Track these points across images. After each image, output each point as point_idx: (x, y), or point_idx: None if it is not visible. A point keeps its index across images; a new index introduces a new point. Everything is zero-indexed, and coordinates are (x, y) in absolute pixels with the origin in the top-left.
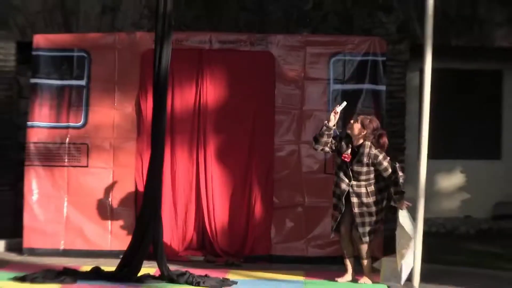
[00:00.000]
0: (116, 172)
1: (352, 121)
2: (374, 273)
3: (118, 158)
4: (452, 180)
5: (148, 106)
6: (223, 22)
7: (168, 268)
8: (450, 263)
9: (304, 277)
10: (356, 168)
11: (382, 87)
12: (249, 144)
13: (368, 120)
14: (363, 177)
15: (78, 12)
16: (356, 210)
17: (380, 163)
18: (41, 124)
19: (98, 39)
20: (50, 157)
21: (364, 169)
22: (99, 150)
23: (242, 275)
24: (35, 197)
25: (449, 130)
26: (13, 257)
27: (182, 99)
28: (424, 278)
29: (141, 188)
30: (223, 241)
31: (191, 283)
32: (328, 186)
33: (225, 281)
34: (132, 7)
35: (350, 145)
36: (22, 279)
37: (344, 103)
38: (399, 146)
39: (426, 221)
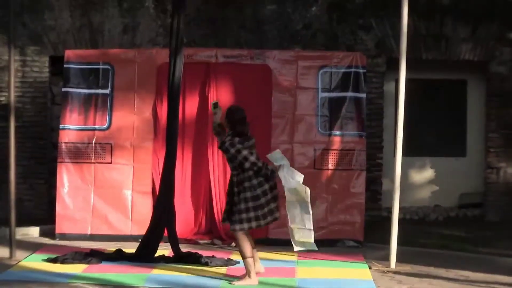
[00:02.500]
0: (136, 167)
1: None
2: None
3: (138, 156)
4: (424, 174)
5: (163, 111)
6: (227, 39)
7: (180, 249)
8: (422, 245)
9: (296, 257)
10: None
11: (363, 95)
12: None
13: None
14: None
15: (103, 30)
16: (235, 198)
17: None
18: (71, 127)
19: (120, 54)
20: (79, 155)
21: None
22: (121, 149)
23: None
24: (66, 189)
25: (421, 132)
26: (47, 241)
27: (192, 105)
28: (399, 259)
29: (157, 181)
30: (227, 227)
31: (200, 263)
32: (316, 179)
33: (229, 261)
34: (149, 26)
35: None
36: (54, 260)
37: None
38: (377, 145)
39: (401, 209)
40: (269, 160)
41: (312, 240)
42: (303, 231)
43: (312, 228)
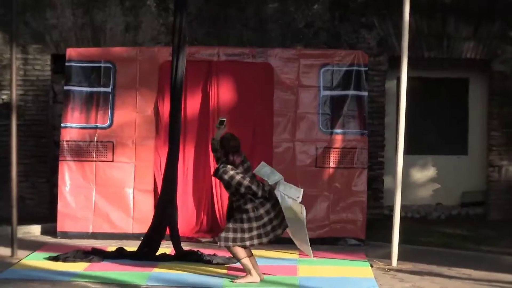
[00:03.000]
0: (138, 166)
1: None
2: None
3: (139, 154)
4: (425, 172)
5: (165, 109)
6: (229, 38)
7: (182, 248)
8: (423, 244)
9: (298, 256)
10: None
11: (365, 93)
12: (252, 141)
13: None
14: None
15: (105, 29)
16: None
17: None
18: (73, 125)
19: (122, 52)
20: (81, 153)
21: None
22: (123, 147)
23: None
24: (67, 187)
25: (422, 130)
26: (48, 239)
27: (194, 103)
28: (401, 257)
29: (159, 179)
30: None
31: (201, 261)
32: (318, 178)
33: (231, 259)
34: (151, 24)
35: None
36: (55, 258)
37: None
38: (379, 144)
39: (403, 207)
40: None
41: (310, 254)
42: (301, 244)
43: (308, 243)
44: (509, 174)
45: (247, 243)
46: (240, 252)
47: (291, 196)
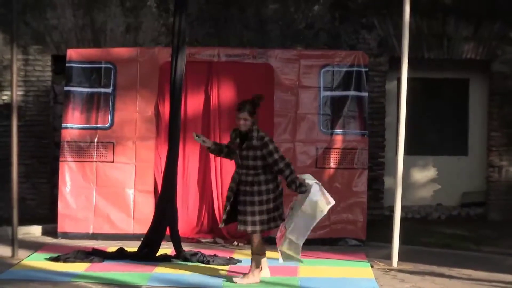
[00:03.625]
0: (138, 166)
1: (243, 120)
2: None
3: (140, 155)
4: (426, 173)
5: (165, 110)
6: (229, 38)
7: (183, 248)
8: (424, 244)
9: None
10: (244, 154)
11: (365, 94)
12: None
13: (251, 104)
14: (251, 165)
15: (105, 30)
16: (241, 198)
17: (266, 145)
18: (74, 126)
19: (122, 53)
20: (81, 154)
21: (251, 154)
22: (123, 148)
23: (246, 254)
24: (68, 188)
25: (423, 130)
26: (49, 240)
27: (194, 103)
28: (401, 257)
29: (159, 180)
30: (229, 225)
31: (202, 262)
32: (318, 178)
33: (231, 260)
34: (151, 25)
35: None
36: (56, 259)
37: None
38: (379, 144)
39: (403, 208)
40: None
41: (299, 255)
42: (295, 244)
43: (301, 244)
44: (509, 174)
45: (272, 224)
46: (262, 246)
47: (326, 196)
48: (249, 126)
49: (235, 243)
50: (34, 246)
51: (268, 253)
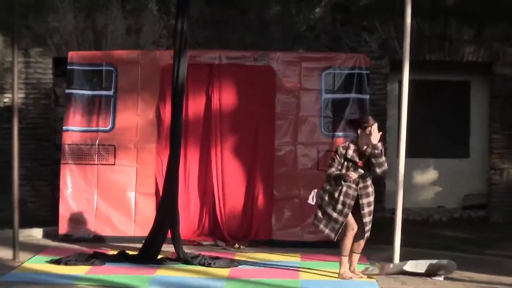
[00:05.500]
0: (139, 169)
1: (372, 130)
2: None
3: (141, 157)
4: (427, 175)
5: (167, 113)
6: (230, 41)
7: (184, 251)
8: (425, 246)
9: (300, 259)
10: (365, 171)
11: (366, 96)
12: (253, 144)
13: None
14: (368, 178)
15: (106, 32)
16: (365, 210)
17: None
18: (75, 128)
19: (123, 55)
20: (82, 156)
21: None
22: (125, 151)
23: (247, 257)
24: (69, 191)
25: (424, 133)
26: (50, 242)
27: (195, 106)
28: (403, 259)
29: (160, 183)
30: (231, 228)
31: (203, 264)
32: (320, 181)
33: (233, 262)
34: (153, 28)
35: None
36: (57, 262)
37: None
38: None
39: (405, 210)
40: None
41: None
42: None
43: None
44: (510, 176)
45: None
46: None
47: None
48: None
49: (236, 245)
50: (35, 249)
51: (270, 256)
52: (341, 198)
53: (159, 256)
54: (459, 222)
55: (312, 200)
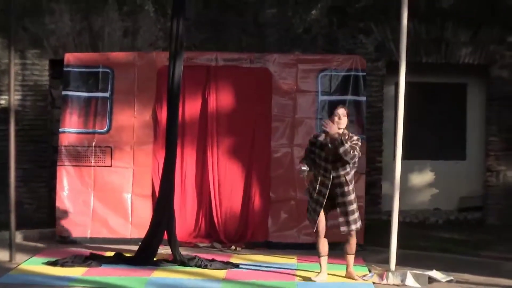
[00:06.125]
0: (136, 171)
1: (339, 116)
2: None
3: (137, 159)
4: (423, 177)
5: (163, 114)
6: (227, 43)
7: (180, 253)
8: (422, 249)
9: (296, 261)
10: (334, 158)
11: (363, 98)
12: (250, 146)
13: (347, 109)
14: (341, 168)
15: (103, 34)
16: (339, 200)
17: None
18: (71, 130)
19: (120, 57)
20: (79, 158)
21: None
22: (121, 152)
23: (243, 259)
24: (66, 192)
25: (420, 135)
26: (47, 244)
27: (192, 108)
28: (399, 262)
29: (157, 184)
30: (227, 230)
31: (199, 266)
32: None
33: (229, 264)
34: (149, 30)
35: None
36: (54, 263)
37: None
38: (377, 149)
39: (401, 212)
40: None
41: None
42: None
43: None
44: (507, 179)
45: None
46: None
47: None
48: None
49: (233, 247)
50: (32, 251)
51: (266, 258)
52: (318, 186)
53: (156, 258)
54: (455, 224)
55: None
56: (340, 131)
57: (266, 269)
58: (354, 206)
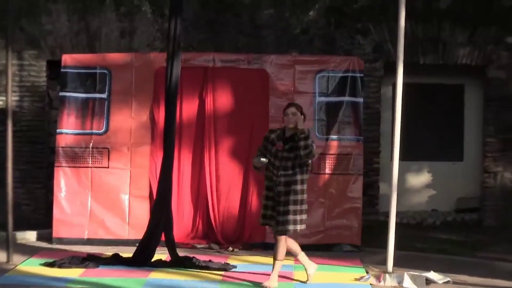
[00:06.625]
0: (133, 172)
1: (291, 115)
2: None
3: (135, 160)
4: (421, 178)
5: (160, 115)
6: (224, 44)
7: (178, 254)
8: (419, 250)
9: (293, 262)
10: (286, 155)
11: (360, 99)
12: (247, 147)
13: (300, 107)
14: (291, 166)
15: (100, 35)
16: (282, 199)
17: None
18: (69, 131)
19: (117, 58)
20: (76, 159)
21: (292, 155)
22: (118, 153)
23: (241, 260)
24: (63, 193)
25: (418, 136)
26: (44, 245)
27: (189, 109)
28: (396, 262)
29: (154, 186)
30: (224, 231)
31: (197, 267)
32: (313, 184)
33: (226, 265)
34: (146, 30)
35: (281, 137)
36: (51, 264)
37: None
38: (374, 150)
39: (398, 213)
40: None
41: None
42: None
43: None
44: (504, 180)
45: (304, 226)
46: (296, 246)
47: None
48: (297, 121)
49: (230, 248)
50: (29, 252)
51: (263, 259)
52: (267, 183)
53: (153, 259)
54: (452, 225)
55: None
56: (299, 127)
57: (264, 270)
58: (297, 208)
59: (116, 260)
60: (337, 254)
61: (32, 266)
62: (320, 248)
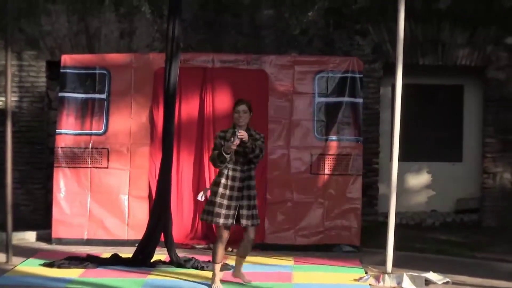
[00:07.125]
0: (132, 172)
1: (242, 113)
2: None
3: (134, 161)
4: (420, 179)
5: (160, 116)
6: (223, 44)
7: (177, 254)
8: (418, 250)
9: (293, 262)
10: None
11: (359, 100)
12: None
13: (249, 103)
14: (247, 167)
15: (99, 35)
16: (245, 193)
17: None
18: (68, 132)
19: (117, 59)
20: (76, 159)
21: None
22: (118, 154)
23: None
24: (62, 194)
25: (417, 137)
26: (43, 245)
27: (188, 110)
28: (396, 263)
29: (153, 186)
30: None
31: (196, 268)
32: (313, 184)
33: (225, 265)
34: (146, 31)
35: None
36: (50, 265)
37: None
38: (374, 150)
39: (398, 214)
40: None
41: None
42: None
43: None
44: (503, 180)
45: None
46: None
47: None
48: (248, 119)
49: (229, 249)
50: (28, 252)
51: (262, 259)
52: (228, 182)
53: (152, 260)
54: (452, 226)
55: (201, 197)
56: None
57: (263, 271)
58: (256, 202)
59: (115, 261)
60: (336, 255)
61: (32, 266)
62: (319, 248)
